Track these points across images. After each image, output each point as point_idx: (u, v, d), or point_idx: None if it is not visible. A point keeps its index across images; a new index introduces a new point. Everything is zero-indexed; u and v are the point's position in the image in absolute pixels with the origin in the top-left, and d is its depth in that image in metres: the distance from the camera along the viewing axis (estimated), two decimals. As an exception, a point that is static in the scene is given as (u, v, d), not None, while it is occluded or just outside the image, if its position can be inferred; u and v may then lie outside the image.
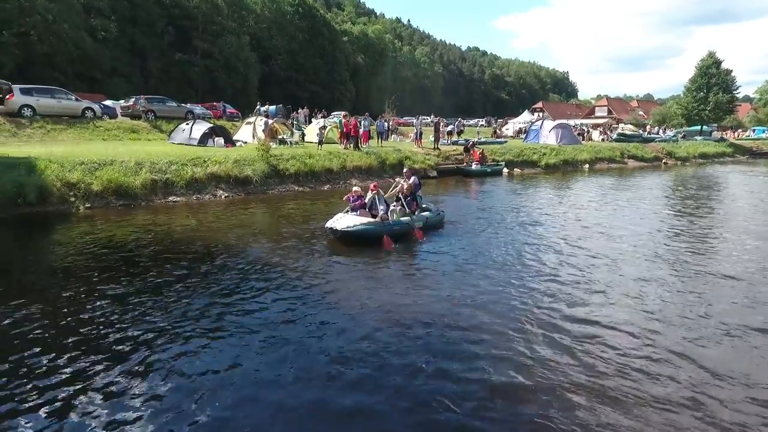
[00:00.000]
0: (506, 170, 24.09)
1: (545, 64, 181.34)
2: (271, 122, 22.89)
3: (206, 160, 15.48)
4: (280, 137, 22.11)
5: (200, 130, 20.25)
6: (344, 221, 9.37)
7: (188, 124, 21.18)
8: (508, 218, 12.60)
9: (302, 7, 68.44)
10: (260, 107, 29.65)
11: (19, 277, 7.36)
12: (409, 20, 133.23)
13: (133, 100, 25.81)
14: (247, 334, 5.39)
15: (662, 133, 45.29)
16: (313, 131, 23.58)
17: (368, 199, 10.07)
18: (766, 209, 15.08)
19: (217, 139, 20.35)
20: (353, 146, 21.14)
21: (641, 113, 68.29)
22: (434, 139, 25.07)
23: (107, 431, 3.74)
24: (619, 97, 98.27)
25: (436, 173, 21.88)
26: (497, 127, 45.39)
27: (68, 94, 22.01)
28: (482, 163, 23.10)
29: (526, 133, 34.76)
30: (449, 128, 30.31)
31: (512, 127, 44.76)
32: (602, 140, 38.28)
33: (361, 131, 22.01)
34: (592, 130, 41.63)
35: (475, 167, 22.80)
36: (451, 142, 28.06)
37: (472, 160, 23.27)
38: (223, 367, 4.68)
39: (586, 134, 38.16)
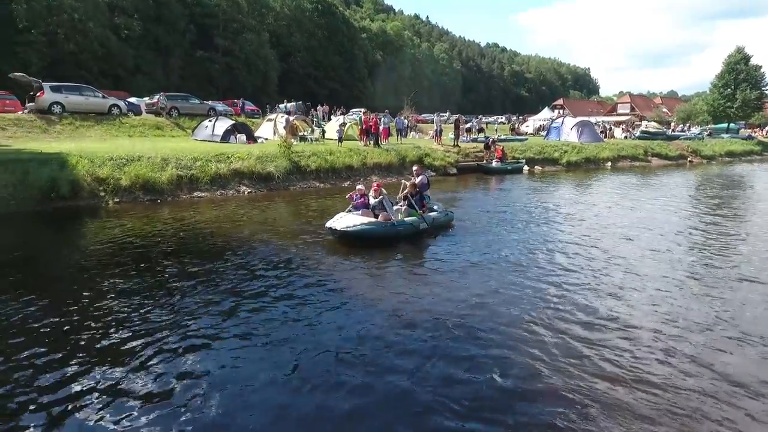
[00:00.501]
0: (527, 168, 23.88)
1: (566, 60, 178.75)
2: (292, 119, 23.09)
3: (229, 156, 15.73)
4: (300, 134, 22.31)
5: (223, 126, 20.56)
6: (345, 221, 9.00)
7: (211, 120, 21.53)
8: (524, 216, 12.43)
9: (321, 4, 68.73)
10: (280, 105, 29.98)
11: (49, 268, 7.60)
12: (427, 16, 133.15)
13: (157, 97, 26.32)
14: (252, 333, 5.33)
15: (687, 130, 44.30)
16: (333, 128, 23.73)
17: (370, 197, 9.67)
18: (796, 209, 14.67)
19: (239, 135, 20.62)
20: (373, 143, 21.22)
21: (665, 110, 66.88)
22: (454, 136, 24.98)
23: (107, 427, 3.76)
24: (642, 93, 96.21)
25: (455, 170, 21.83)
26: (515, 124, 44.78)
27: (95, 91, 22.55)
28: (503, 160, 22.96)
29: (547, 130, 34.37)
30: (468, 125, 30.15)
31: (532, 124, 44.21)
32: (625, 138, 37.61)
33: (381, 128, 22.08)
34: (614, 127, 40.92)
35: (495, 165, 22.67)
36: (470, 139, 27.92)
37: (492, 157, 23.14)
38: (227, 366, 4.64)
39: (608, 132, 37.54)
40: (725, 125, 47.46)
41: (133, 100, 29.28)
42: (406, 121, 28.85)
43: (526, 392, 4.30)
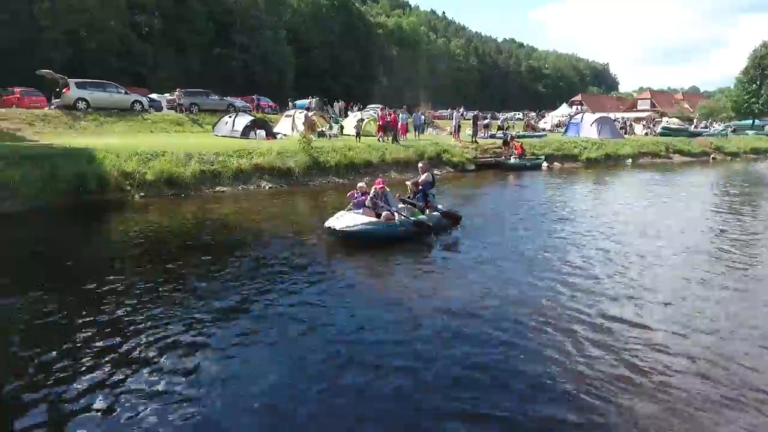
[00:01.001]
0: (546, 164, 23.66)
1: (584, 55, 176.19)
2: (310, 115, 23.22)
3: (250, 151, 15.89)
4: (319, 130, 22.41)
5: (243, 122, 20.76)
6: (344, 220, 8.63)
7: (231, 116, 21.75)
8: (540, 213, 12.26)
9: (338, 0, 68.76)
10: (296, 102, 30.19)
11: (76, 261, 7.72)
12: (444, 12, 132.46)
13: (177, 93, 26.67)
14: (263, 331, 5.30)
15: (710, 127, 43.38)
16: (351, 124, 23.80)
17: (371, 196, 9.21)
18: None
19: (258, 131, 20.79)
20: (392, 139, 21.23)
21: (686, 106, 65.56)
22: (473, 132, 24.86)
23: (106, 424, 3.76)
24: (662, 89, 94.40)
25: (474, 166, 21.74)
26: (531, 120, 43.88)
27: (118, 87, 22.97)
28: (522, 157, 22.79)
29: (565, 126, 33.99)
30: (486, 121, 29.96)
31: (550, 120, 43.71)
32: (645, 134, 37.01)
33: (399, 124, 22.09)
34: (634, 123, 40.30)
35: (513, 161, 22.51)
36: (488, 135, 27.74)
37: (511, 153, 22.98)
38: (234, 364, 4.61)
39: (628, 128, 36.98)
40: (750, 121, 46.41)
41: (154, 96, 29.73)
42: (423, 117, 28.77)
43: (534, 393, 4.20)
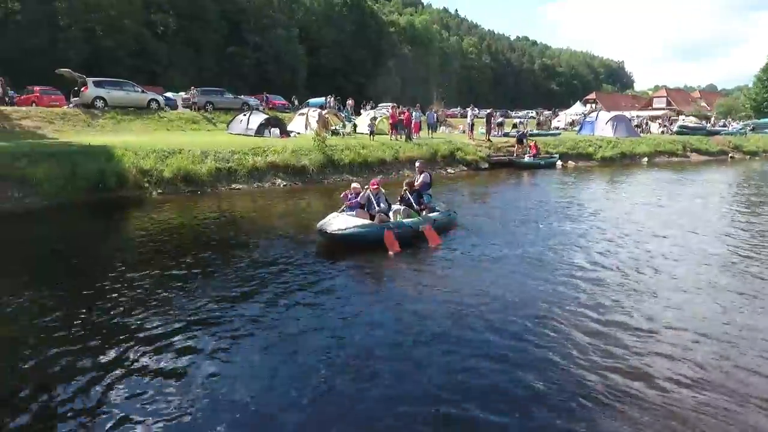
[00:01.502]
0: (560, 163, 23.47)
1: (599, 53, 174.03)
2: (324, 113, 23.29)
3: (265, 149, 16.00)
4: (332, 128, 22.48)
5: (257, 121, 20.89)
6: (337, 222, 8.24)
7: (245, 115, 21.91)
8: (549, 212, 12.13)
9: (350, -2, 68.82)
10: (310, 100, 30.28)
11: (94, 257, 7.89)
12: (456, 10, 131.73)
13: (193, 92, 26.93)
14: (271, 328, 5.30)
15: (729, 125, 42.63)
16: (364, 122, 23.82)
17: (366, 197, 8.87)
18: None
19: (272, 129, 20.91)
20: (405, 137, 21.21)
21: (704, 104, 64.48)
22: (486, 130, 24.74)
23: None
24: (679, 87, 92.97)
25: (487, 165, 21.64)
26: (544, 118, 43.35)
27: (135, 86, 23.25)
28: (537, 156, 22.63)
29: (579, 125, 33.65)
30: (500, 120, 29.80)
31: (564, 119, 43.25)
32: (662, 133, 36.51)
33: (412, 122, 22.07)
34: (650, 122, 39.76)
35: (528, 159, 22.37)
36: (502, 133, 27.59)
37: (525, 151, 22.83)
38: (237, 362, 4.60)
39: (644, 126, 36.50)
40: (770, 120, 45.47)
41: (169, 94, 30.03)
42: (436, 115, 28.70)
43: (535, 399, 4.09)
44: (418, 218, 8.87)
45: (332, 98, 31.98)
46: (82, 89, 21.06)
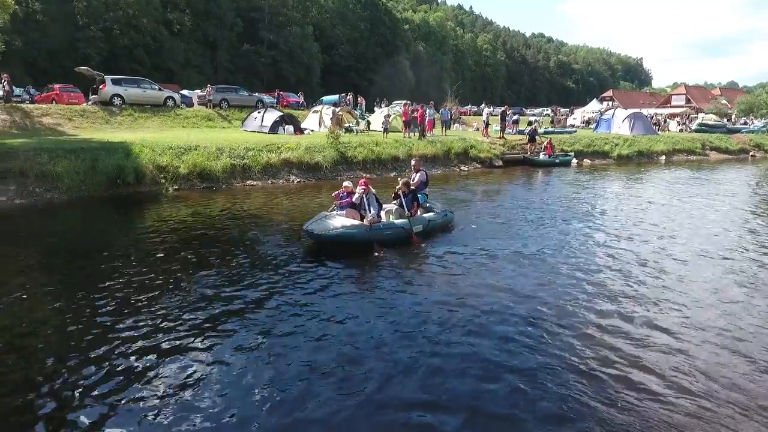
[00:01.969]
0: (575, 161, 23.22)
1: (617, 50, 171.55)
2: (338, 110, 23.37)
3: (279, 146, 16.12)
4: (346, 125, 22.55)
5: (271, 118, 21.05)
6: (324, 223, 7.94)
7: (260, 112, 22.09)
8: (560, 210, 11.96)
9: (364, -4, 68.83)
10: (324, 98, 30.39)
11: (111, 250, 7.97)
12: (471, 7, 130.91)
13: (208, 89, 27.23)
14: (273, 327, 5.25)
15: (750, 123, 41.70)
16: (378, 119, 23.85)
17: (357, 197, 8.47)
18: None
19: (287, 126, 21.07)
20: (419, 135, 21.19)
21: (724, 102, 63.06)
22: (500, 128, 24.58)
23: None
24: (698, 84, 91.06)
25: (501, 162, 21.51)
26: (558, 116, 42.87)
27: (152, 84, 23.61)
28: (552, 154, 22.43)
29: (596, 122, 33.24)
30: (514, 117, 29.57)
31: (580, 116, 42.72)
32: (680, 131, 35.88)
33: (426, 120, 22.02)
34: (669, 119, 39.08)
35: (542, 157, 22.18)
36: (516, 131, 27.40)
37: (539, 149, 22.64)
38: (239, 361, 4.55)
39: (662, 124, 35.90)
40: (792, 118, 44.34)
41: (185, 92, 30.39)
42: (450, 113, 28.59)
43: (536, 400, 4.03)
44: (407, 221, 8.47)
45: (349, 96, 32.10)
46: (100, 87, 21.43)
